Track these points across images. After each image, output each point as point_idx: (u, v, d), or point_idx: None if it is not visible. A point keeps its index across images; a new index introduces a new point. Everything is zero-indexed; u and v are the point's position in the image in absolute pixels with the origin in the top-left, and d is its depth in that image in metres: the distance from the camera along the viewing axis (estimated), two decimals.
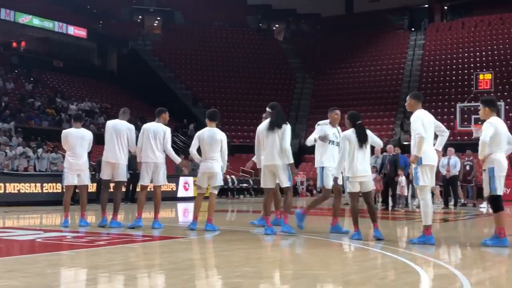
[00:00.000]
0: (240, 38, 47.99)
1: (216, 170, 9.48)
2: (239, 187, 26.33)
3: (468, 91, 32.31)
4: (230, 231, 9.81)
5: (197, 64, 44.08)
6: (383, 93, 40.11)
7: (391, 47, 45.48)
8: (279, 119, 8.93)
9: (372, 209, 8.64)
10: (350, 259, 7.33)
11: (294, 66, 46.27)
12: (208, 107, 39.89)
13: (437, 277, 5.78)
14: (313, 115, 40.67)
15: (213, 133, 9.53)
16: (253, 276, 5.58)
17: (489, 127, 7.81)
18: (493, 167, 7.80)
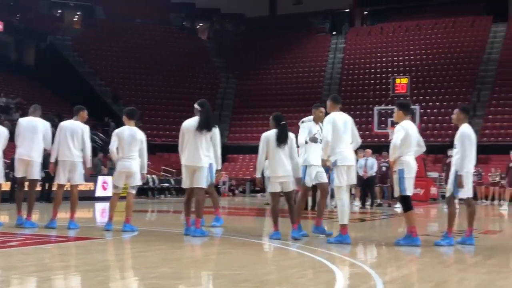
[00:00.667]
0: (163, 36, 47.46)
1: (134, 169, 9.33)
2: (160, 187, 26.04)
3: (386, 94, 33.30)
4: (149, 232, 9.68)
5: (118, 61, 43.27)
6: (304, 94, 40.70)
7: (313, 50, 46.25)
8: (210, 120, 8.83)
9: (292, 210, 8.73)
10: (269, 259, 7.39)
11: (217, 65, 46.25)
12: (129, 104, 39.20)
13: (352, 276, 5.92)
14: (236, 115, 40.83)
15: (134, 132, 9.38)
16: (171, 277, 5.52)
17: (400, 130, 8.13)
18: (402, 169, 8.11)
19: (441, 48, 41.59)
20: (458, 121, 8.39)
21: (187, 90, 40.13)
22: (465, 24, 43.55)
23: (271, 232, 8.78)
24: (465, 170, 8.11)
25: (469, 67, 38.89)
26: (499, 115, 34.29)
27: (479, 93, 36.60)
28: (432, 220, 15.64)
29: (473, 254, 7.61)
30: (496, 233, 11.30)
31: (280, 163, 8.52)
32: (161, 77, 42.36)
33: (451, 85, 37.71)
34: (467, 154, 8.11)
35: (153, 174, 27.42)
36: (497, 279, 5.75)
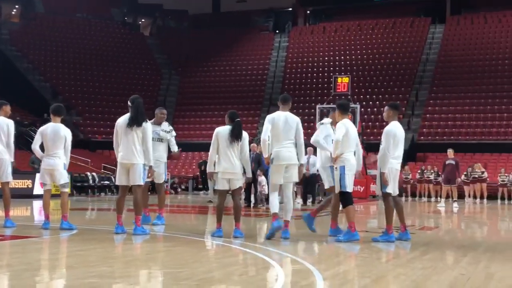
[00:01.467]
0: (104, 31, 46.66)
1: (58, 167, 9.14)
2: (100, 185, 25.59)
3: (328, 93, 33.74)
4: (89, 230, 9.50)
5: (57, 56, 42.27)
6: (248, 92, 40.83)
7: (257, 48, 46.41)
8: (139, 116, 8.69)
9: (237, 208, 8.74)
10: (211, 257, 7.38)
11: (160, 62, 45.80)
12: (69, 101, 38.44)
13: (293, 272, 5.97)
14: (178, 112, 40.54)
15: (57, 129, 9.17)
16: (110, 276, 5.44)
17: (341, 127, 8.31)
18: (343, 166, 8.28)
19: (381, 48, 42.44)
20: (388, 118, 8.63)
21: (128, 87, 39.57)
22: (404, 25, 44.58)
23: (214, 229, 8.77)
24: (389, 167, 8.33)
25: (408, 67, 39.82)
26: (436, 115, 35.26)
27: (417, 92, 37.53)
28: (371, 217, 15.95)
29: (410, 250, 7.80)
30: (432, 229, 11.61)
31: (230, 160, 8.51)
32: (102, 73, 41.66)
33: (390, 84, 38.53)
34: (390, 151, 8.32)
35: (93, 171, 26.95)
36: (433, 274, 5.91)
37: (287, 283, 5.19)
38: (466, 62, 38.49)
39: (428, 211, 18.04)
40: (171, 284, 5.02)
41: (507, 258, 7.07)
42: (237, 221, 8.67)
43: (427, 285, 5.28)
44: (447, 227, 12.71)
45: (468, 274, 5.88)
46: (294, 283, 5.24)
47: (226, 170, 8.53)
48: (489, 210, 19.92)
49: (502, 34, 41.20)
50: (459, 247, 8.27)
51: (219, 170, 8.57)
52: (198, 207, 18.54)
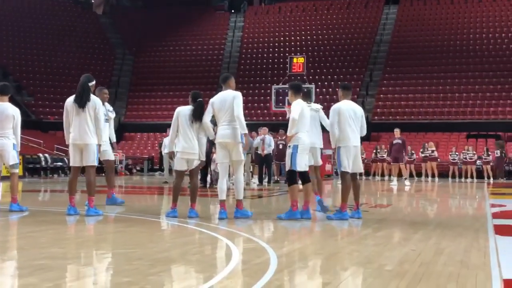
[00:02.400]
0: (56, 9, 45.53)
1: (7, 147, 8.95)
2: (53, 166, 25.14)
3: (283, 73, 33.79)
4: (41, 212, 9.35)
5: (7, 35, 41.08)
6: (203, 72, 40.55)
7: (212, 28, 46.06)
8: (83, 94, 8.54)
9: (194, 188, 8.71)
10: (165, 237, 7.34)
11: (113, 41, 45.03)
12: (20, 81, 37.50)
13: (247, 251, 5.99)
14: (133, 92, 40.03)
15: (4, 108, 8.97)
16: (62, 257, 5.35)
17: (297, 106, 8.34)
18: (297, 145, 8.31)
19: (336, 28, 42.68)
20: (340, 98, 8.76)
21: (81, 67, 38.80)
22: (359, 6, 44.87)
23: (168, 209, 8.73)
24: (345, 145, 8.43)
25: (362, 48, 40.17)
26: (390, 95, 35.74)
27: (371, 73, 37.97)
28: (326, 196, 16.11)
29: (363, 228, 7.91)
30: (384, 207, 11.81)
31: (189, 140, 8.46)
32: (53, 53, 40.74)
33: (345, 65, 38.84)
34: (339, 129, 8.41)
35: (45, 152, 26.44)
36: (385, 250, 6.02)
37: (241, 262, 5.20)
38: (419, 43, 39.05)
39: (381, 190, 18.35)
40: (123, 265, 4.97)
41: (457, 234, 7.25)
42: (193, 202, 8.64)
43: (379, 260, 5.37)
44: (399, 205, 12.95)
45: (418, 250, 6.00)
46: (248, 261, 5.26)
47: (185, 150, 8.49)
48: (440, 188, 20.40)
49: (454, 15, 41.95)
50: (411, 224, 8.44)
51: (178, 149, 8.53)
52: (154, 188, 18.42)
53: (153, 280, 4.40)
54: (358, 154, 8.66)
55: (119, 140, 33.47)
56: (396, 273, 4.84)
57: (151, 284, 4.25)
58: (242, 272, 4.81)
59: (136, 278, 4.40)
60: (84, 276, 4.61)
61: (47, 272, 4.57)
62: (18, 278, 4.38)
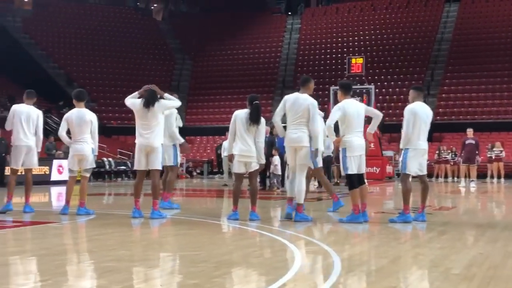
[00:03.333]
0: (117, 17, 46.68)
1: (86, 152, 9.21)
2: (117, 170, 25.75)
3: (341, 74, 33.53)
4: (106, 215, 9.57)
5: (71, 43, 42.38)
6: (261, 75, 40.71)
7: (269, 30, 46.19)
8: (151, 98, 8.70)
9: (254, 191, 8.75)
10: (227, 239, 7.41)
11: (173, 47, 45.77)
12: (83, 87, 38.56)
13: (310, 254, 5.98)
14: (192, 96, 40.56)
15: (82, 114, 9.23)
16: (128, 260, 5.48)
17: (336, 111, 8.24)
18: (345, 148, 8.22)
19: (395, 28, 42.07)
20: (412, 99, 8.55)
21: (142, 72, 39.67)
22: (418, 4, 44.10)
23: (230, 212, 8.79)
24: (413, 147, 8.27)
25: (422, 47, 39.45)
26: (452, 94, 34.97)
27: (432, 72, 37.23)
28: (387, 198, 15.90)
29: (428, 231, 7.77)
30: (449, 209, 11.56)
31: (246, 143, 8.49)
32: (115, 59, 41.75)
33: (405, 64, 38.24)
34: (413, 131, 8.25)
35: (109, 157, 27.11)
36: (451, 253, 5.89)
37: (304, 265, 5.20)
38: (481, 41, 38.05)
39: (445, 192, 17.96)
40: (189, 267, 5.05)
41: None
42: (253, 204, 8.67)
43: (445, 264, 5.27)
44: (465, 207, 12.65)
45: (486, 253, 5.85)
46: (311, 265, 5.25)
47: (243, 153, 8.52)
48: (507, 189, 19.80)
49: None
50: (477, 227, 8.24)
51: (236, 152, 8.57)
52: (214, 190, 18.60)
53: (218, 282, 4.45)
54: (425, 157, 8.52)
55: None
56: (464, 276, 4.73)
57: (217, 286, 4.30)
58: (305, 276, 4.81)
59: (202, 280, 4.46)
60: (151, 278, 4.71)
61: (115, 274, 4.69)
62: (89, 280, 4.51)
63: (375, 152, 23.81)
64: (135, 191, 8.86)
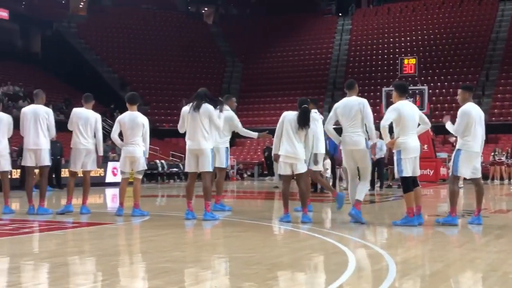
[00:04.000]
0: (168, 21, 47.36)
1: (138, 154, 9.37)
2: (169, 172, 26.10)
3: (394, 75, 33.12)
4: (160, 216, 9.73)
5: (124, 47, 43.22)
6: (311, 77, 40.59)
7: (320, 32, 46.02)
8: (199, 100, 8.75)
9: (303, 194, 8.73)
10: (279, 242, 7.42)
11: (223, 50, 46.13)
12: (136, 91, 39.25)
13: (364, 257, 5.93)
14: (243, 99, 40.74)
15: (134, 117, 9.39)
16: (183, 261, 5.56)
17: (391, 111, 8.14)
18: (399, 150, 8.10)
19: (448, 27, 41.29)
20: (463, 100, 8.38)
21: (193, 76, 40.10)
22: (472, 3, 43.19)
23: (281, 215, 8.80)
24: (465, 149, 8.10)
25: (477, 46, 38.60)
26: (508, 94, 34.08)
27: (487, 72, 36.36)
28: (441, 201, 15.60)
29: (484, 234, 7.60)
30: (505, 212, 11.28)
31: (293, 144, 8.49)
32: (167, 63, 42.34)
33: (459, 64, 37.48)
34: (466, 132, 8.08)
35: (161, 159, 27.50)
36: (509, 257, 5.76)
37: (358, 268, 5.16)
38: None
39: (500, 194, 17.52)
40: (243, 269, 5.08)
41: None
42: (304, 206, 8.66)
43: (503, 268, 5.14)
44: None
45: None
46: (365, 268, 5.21)
47: (288, 154, 8.52)
48: None
49: None
50: None
51: (281, 153, 8.57)
52: (264, 192, 18.64)
53: (272, 285, 4.47)
54: (478, 159, 8.33)
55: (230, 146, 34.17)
56: None
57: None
58: (360, 279, 4.77)
59: (255, 282, 4.48)
60: (204, 279, 4.76)
61: (170, 275, 4.76)
62: (145, 281, 4.60)
63: (429, 154, 23.40)
64: (187, 193, 8.96)
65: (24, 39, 45.19)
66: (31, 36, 45.39)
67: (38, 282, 4.61)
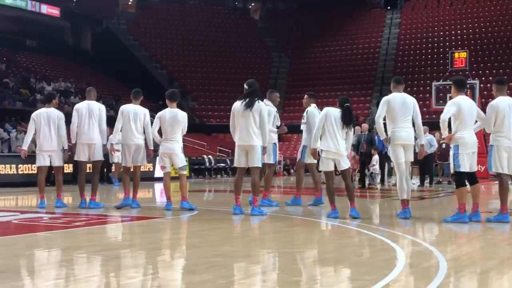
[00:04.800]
0: (216, 17, 47.66)
1: (176, 151, 9.48)
2: (216, 167, 26.31)
3: (444, 69, 32.56)
4: (208, 211, 9.82)
5: (172, 43, 43.73)
6: (359, 72, 40.24)
7: (367, 26, 45.56)
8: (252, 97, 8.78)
9: (349, 189, 8.70)
10: (327, 237, 7.40)
11: (270, 45, 46.13)
12: (184, 87, 39.66)
13: (413, 253, 5.86)
14: (289, 94, 40.70)
15: (175, 114, 9.50)
16: (233, 255, 5.60)
17: (450, 105, 8.04)
18: (457, 145, 7.98)
19: (500, 20, 40.29)
20: (495, 94, 8.26)
21: (240, 71, 40.26)
22: None
23: (329, 211, 8.77)
24: (497, 145, 7.94)
25: None
26: None
27: None
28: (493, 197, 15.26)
29: None
30: None
31: (336, 140, 8.47)
32: (214, 58, 42.61)
33: (511, 58, 36.53)
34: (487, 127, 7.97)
35: (209, 154, 27.73)
36: None
37: (408, 265, 5.10)
38: None
39: None
40: (291, 264, 5.10)
41: None
42: (351, 201, 8.60)
43: None
44: None
45: None
46: (415, 265, 5.14)
47: (331, 150, 8.49)
48: None
49: None
50: None
51: (324, 148, 8.54)
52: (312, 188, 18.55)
53: (321, 280, 4.47)
54: None
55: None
56: None
57: (320, 285, 4.31)
58: (410, 276, 4.72)
59: (304, 277, 4.49)
60: (254, 274, 4.79)
61: (220, 269, 4.81)
62: (195, 274, 4.65)
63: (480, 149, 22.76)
64: (235, 188, 9.01)
65: (75, 37, 46.17)
66: (81, 34, 46.35)
67: (92, 274, 4.72)
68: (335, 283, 4.53)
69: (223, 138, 34.30)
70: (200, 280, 4.39)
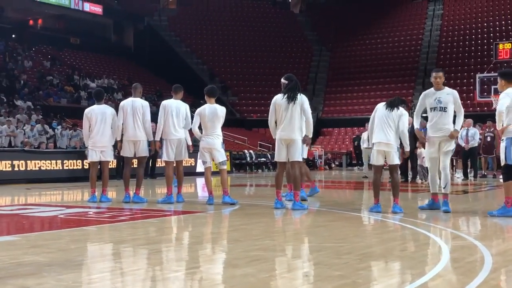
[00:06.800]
0: (256, 12, 47.68)
1: (217, 146, 9.54)
2: (257, 162, 26.38)
3: (488, 61, 31.92)
4: (249, 205, 9.87)
5: (213, 39, 43.94)
6: (401, 64, 39.74)
7: (409, 18, 44.94)
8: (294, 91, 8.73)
9: (395, 184, 8.64)
10: (370, 232, 7.35)
11: (310, 38, 45.94)
12: (225, 82, 39.84)
13: (458, 248, 5.78)
14: (330, 88, 40.49)
15: (214, 109, 9.56)
16: (274, 249, 5.62)
17: (505, 97, 7.87)
18: (510, 138, 7.80)
19: None
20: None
21: (280, 66, 40.22)
22: None
23: (371, 205, 8.72)
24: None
25: None
26: None
27: None
28: None
29: None
30: None
31: (385, 132, 8.42)
32: (255, 53, 42.67)
33: None
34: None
35: (250, 149, 27.82)
36: None
37: (452, 259, 5.04)
38: None
39: None
40: (333, 258, 5.08)
41: None
42: (395, 197, 8.54)
43: None
44: None
45: None
46: (459, 259, 5.07)
47: (381, 141, 8.44)
48: None
49: None
50: None
51: (374, 141, 8.52)
52: (353, 182, 18.47)
53: (364, 275, 4.44)
54: None
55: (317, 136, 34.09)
56: None
57: (363, 279, 4.29)
58: (454, 270, 4.66)
59: (347, 272, 4.47)
60: (295, 268, 4.80)
61: (262, 263, 4.83)
62: (237, 268, 4.69)
63: None
64: (276, 182, 9.03)
65: (118, 33, 46.83)
66: (124, 31, 46.99)
67: (137, 267, 4.80)
68: (378, 277, 4.50)
69: (263, 133, 34.34)
70: (242, 273, 4.42)
